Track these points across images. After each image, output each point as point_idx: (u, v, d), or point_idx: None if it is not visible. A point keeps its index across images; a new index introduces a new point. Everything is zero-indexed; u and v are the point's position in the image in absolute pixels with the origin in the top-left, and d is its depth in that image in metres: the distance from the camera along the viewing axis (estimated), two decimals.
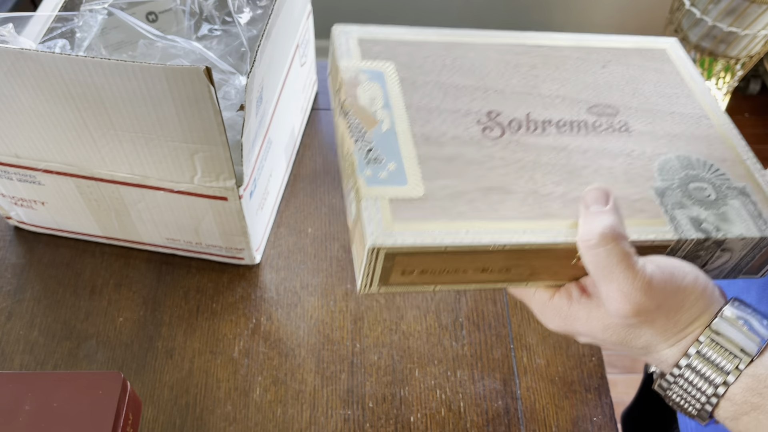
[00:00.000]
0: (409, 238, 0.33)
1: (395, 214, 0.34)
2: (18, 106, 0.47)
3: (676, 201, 0.37)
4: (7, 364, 0.55)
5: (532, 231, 0.35)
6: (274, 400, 0.54)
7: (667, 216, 0.36)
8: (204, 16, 0.61)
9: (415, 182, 0.35)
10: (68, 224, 0.61)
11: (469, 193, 0.35)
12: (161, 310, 0.59)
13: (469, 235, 0.34)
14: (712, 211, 0.37)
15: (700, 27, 1.34)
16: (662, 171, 0.39)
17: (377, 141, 0.36)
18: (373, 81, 0.39)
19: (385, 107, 0.38)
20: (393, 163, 0.36)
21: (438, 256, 0.34)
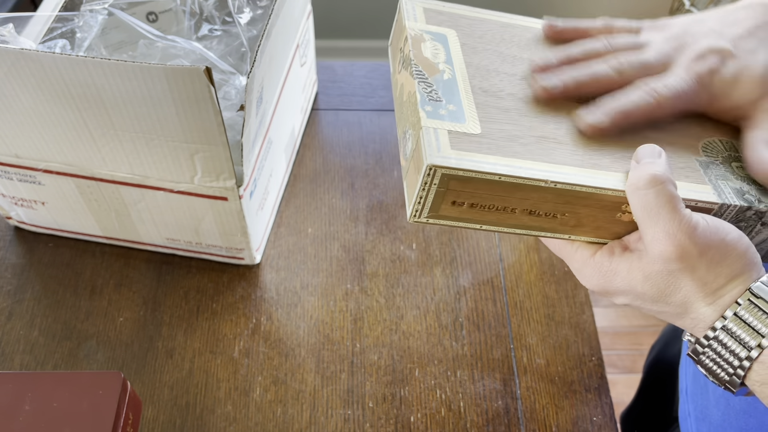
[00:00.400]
0: (466, 162, 0.34)
1: (453, 144, 0.35)
2: (18, 106, 0.47)
3: (720, 173, 0.39)
4: (7, 363, 0.55)
5: (583, 175, 0.36)
6: (274, 400, 0.54)
7: (711, 184, 0.38)
8: (204, 17, 0.61)
9: (473, 122, 0.37)
10: (68, 224, 0.61)
11: (523, 137, 0.37)
12: (161, 310, 0.59)
13: (524, 169, 0.35)
14: (754, 186, 0.39)
15: None
16: (706, 148, 0.40)
17: (438, 85, 0.38)
18: (437, 41, 0.41)
19: (447, 62, 0.40)
20: (453, 105, 0.37)
21: (491, 187, 0.35)
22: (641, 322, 1.35)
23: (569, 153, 0.37)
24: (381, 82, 0.78)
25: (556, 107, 0.40)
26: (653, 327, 1.34)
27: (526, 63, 0.42)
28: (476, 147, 0.35)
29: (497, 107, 0.38)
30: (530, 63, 0.42)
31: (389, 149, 0.71)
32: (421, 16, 0.43)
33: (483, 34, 0.43)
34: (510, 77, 0.41)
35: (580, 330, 0.59)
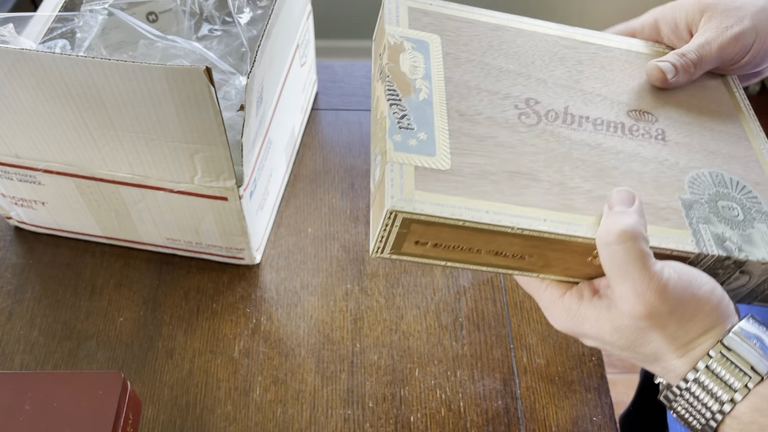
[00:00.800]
0: (429, 207, 0.33)
1: (418, 183, 0.33)
2: (18, 106, 0.47)
3: (703, 216, 0.37)
4: (7, 363, 0.55)
5: (552, 220, 0.34)
6: (274, 400, 0.54)
7: (691, 229, 0.36)
8: (204, 17, 0.61)
9: (443, 154, 0.35)
10: (68, 224, 0.61)
11: (495, 174, 0.35)
12: (161, 310, 0.59)
13: (489, 214, 0.33)
14: (737, 231, 0.36)
15: None
16: (693, 184, 0.38)
17: (411, 109, 0.36)
18: (417, 50, 0.39)
19: (425, 77, 0.38)
20: (424, 133, 0.35)
21: (454, 231, 0.34)
22: None
23: (542, 192, 0.35)
24: None
25: (537, 133, 0.38)
26: None
27: (510, 77, 0.40)
28: (442, 187, 0.33)
29: (472, 135, 0.36)
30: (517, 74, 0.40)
31: None
32: (405, 18, 0.41)
33: (469, 40, 0.41)
34: (491, 96, 0.39)
35: None
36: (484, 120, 0.37)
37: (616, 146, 0.39)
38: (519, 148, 0.37)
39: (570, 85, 0.41)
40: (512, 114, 0.38)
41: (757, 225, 0.37)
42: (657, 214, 0.36)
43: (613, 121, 0.40)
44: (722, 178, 0.39)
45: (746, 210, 0.38)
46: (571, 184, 0.36)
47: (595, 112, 0.40)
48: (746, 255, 0.36)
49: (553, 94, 0.40)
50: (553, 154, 0.37)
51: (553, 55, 0.42)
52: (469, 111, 0.37)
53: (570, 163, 0.37)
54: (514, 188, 0.35)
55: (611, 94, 0.41)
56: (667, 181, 0.38)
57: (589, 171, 0.37)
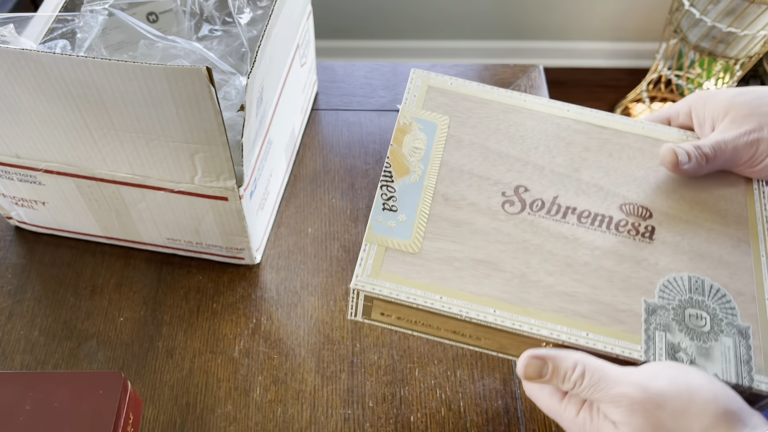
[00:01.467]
0: (386, 290, 0.35)
1: (385, 264, 0.36)
2: (19, 106, 0.47)
3: (663, 323, 0.36)
4: (7, 363, 0.55)
5: (501, 313, 0.35)
6: (274, 400, 0.55)
7: (645, 335, 0.35)
8: (204, 17, 0.61)
9: (416, 238, 0.37)
10: (69, 224, 0.61)
11: (460, 260, 0.36)
12: (162, 309, 0.59)
13: (441, 301, 0.35)
14: (696, 343, 0.35)
15: (699, 27, 1.34)
16: (665, 288, 0.37)
17: (400, 191, 0.38)
18: (423, 132, 0.41)
19: (422, 160, 0.40)
20: (404, 215, 0.37)
21: (412, 311, 0.36)
22: None
23: (501, 283, 0.36)
24: (381, 82, 0.78)
25: (515, 222, 0.38)
26: None
27: (507, 162, 0.40)
28: (406, 270, 0.36)
29: (450, 220, 0.38)
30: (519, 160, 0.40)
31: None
32: (422, 98, 0.42)
33: (478, 122, 0.42)
34: (481, 182, 0.39)
35: None
36: (467, 206, 0.38)
37: (595, 241, 0.38)
38: (492, 236, 0.37)
39: (567, 174, 0.40)
40: (496, 201, 0.39)
41: (722, 338, 0.35)
42: (613, 316, 0.36)
43: (600, 214, 0.39)
44: (701, 284, 0.37)
45: (716, 321, 0.36)
46: (534, 278, 0.36)
47: (584, 203, 0.39)
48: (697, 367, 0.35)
49: (546, 182, 0.40)
50: (524, 245, 0.37)
51: (560, 139, 0.41)
52: (455, 196, 0.39)
53: (539, 256, 0.37)
54: (475, 277, 0.36)
55: (609, 184, 0.40)
56: (637, 282, 0.37)
57: (557, 265, 0.37)
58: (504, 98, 0.43)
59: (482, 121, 0.42)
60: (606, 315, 0.35)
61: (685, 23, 1.38)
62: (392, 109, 0.75)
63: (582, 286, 0.36)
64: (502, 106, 0.43)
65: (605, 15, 1.68)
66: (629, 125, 0.43)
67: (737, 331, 0.36)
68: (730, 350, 0.35)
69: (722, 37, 1.32)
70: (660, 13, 1.66)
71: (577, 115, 0.43)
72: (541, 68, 0.79)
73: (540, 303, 0.35)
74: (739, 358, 0.35)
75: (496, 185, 0.39)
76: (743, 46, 1.34)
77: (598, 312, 0.36)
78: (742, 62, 1.39)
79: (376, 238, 0.37)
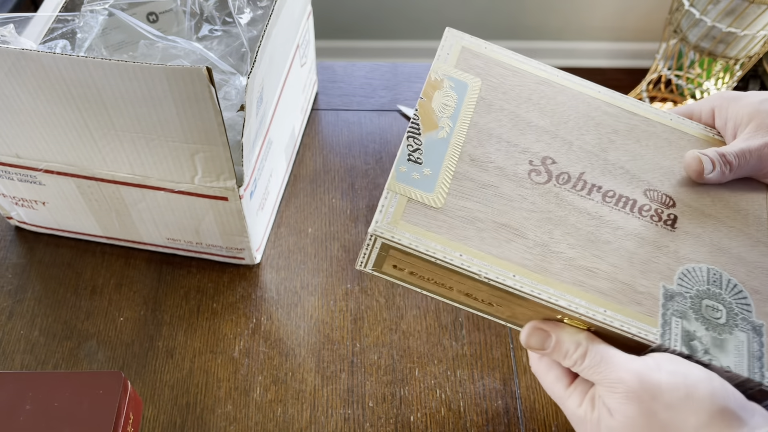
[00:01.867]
0: (406, 239, 0.34)
1: (406, 215, 0.35)
2: (19, 106, 0.47)
3: (681, 309, 0.36)
4: (7, 363, 0.55)
5: (521, 278, 0.35)
6: (274, 400, 0.55)
7: (662, 319, 0.35)
8: (204, 17, 0.61)
9: (440, 193, 0.36)
10: (69, 224, 0.61)
11: (483, 222, 0.36)
12: (162, 309, 0.59)
13: (461, 259, 0.34)
14: (712, 333, 0.35)
15: (699, 27, 1.34)
16: (684, 277, 0.37)
17: (426, 144, 0.38)
18: (454, 90, 0.40)
19: (451, 117, 0.39)
20: (429, 169, 0.37)
21: (428, 265, 0.35)
22: None
23: (522, 249, 0.36)
24: (381, 82, 0.78)
25: (541, 192, 0.38)
26: None
27: (536, 132, 0.40)
28: (427, 223, 0.35)
29: (475, 181, 0.37)
30: (549, 131, 0.40)
31: (389, 149, 0.71)
32: (455, 57, 0.42)
33: (510, 89, 0.41)
34: (509, 147, 0.39)
35: None
36: (494, 169, 0.38)
37: (618, 221, 0.38)
38: (517, 203, 0.37)
39: (595, 152, 0.40)
40: (524, 168, 0.39)
41: (736, 332, 0.36)
42: (631, 297, 0.36)
43: (625, 196, 0.39)
44: (719, 277, 0.37)
45: (731, 314, 0.36)
46: (555, 248, 0.36)
47: (609, 183, 0.40)
48: (710, 359, 0.35)
49: (573, 158, 0.40)
50: (548, 215, 0.38)
51: (589, 119, 0.42)
52: (482, 157, 0.38)
53: (562, 228, 0.37)
54: (497, 239, 0.36)
55: (635, 168, 0.40)
56: (657, 267, 0.37)
57: (579, 240, 0.37)
58: (538, 70, 0.43)
59: (514, 88, 0.41)
60: (625, 294, 0.35)
61: (684, 23, 1.38)
62: (392, 109, 0.75)
63: (602, 263, 0.36)
64: (535, 77, 0.42)
65: (605, 15, 1.68)
66: (659, 115, 0.43)
67: (751, 327, 0.36)
68: (744, 345, 0.35)
69: (722, 37, 1.32)
70: (660, 13, 1.66)
71: (608, 98, 0.43)
72: None
73: (560, 274, 0.35)
74: (752, 353, 0.35)
75: (524, 153, 0.39)
76: (743, 46, 1.34)
77: (617, 290, 0.36)
78: (741, 62, 1.39)
79: (399, 188, 0.36)
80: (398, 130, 0.73)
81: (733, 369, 0.35)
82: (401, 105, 0.75)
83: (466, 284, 0.36)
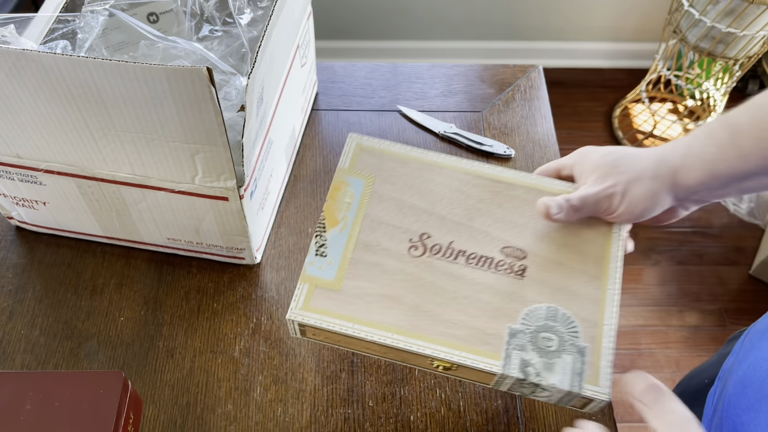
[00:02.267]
0: (313, 320, 0.45)
1: (313, 300, 0.45)
2: (19, 106, 0.47)
3: (521, 343, 0.44)
4: (8, 363, 0.56)
5: (398, 336, 0.44)
6: (274, 399, 0.55)
7: (504, 354, 0.44)
8: (205, 17, 0.61)
9: (339, 278, 0.46)
10: (69, 224, 0.61)
11: (371, 296, 0.45)
12: (162, 309, 0.59)
13: (354, 328, 0.44)
14: (544, 359, 0.43)
15: (698, 28, 1.34)
16: (527, 316, 0.45)
17: (330, 239, 0.47)
18: (353, 188, 0.49)
19: (350, 212, 0.48)
20: (331, 260, 0.46)
21: (333, 334, 0.45)
22: (640, 322, 1.35)
23: (401, 313, 0.45)
24: (381, 82, 0.78)
25: (416, 264, 0.47)
26: (651, 327, 1.34)
27: (416, 213, 0.48)
28: (330, 304, 0.45)
29: (366, 263, 0.46)
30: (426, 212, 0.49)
31: None
32: (354, 159, 0.51)
33: (397, 179, 0.50)
34: (394, 230, 0.48)
35: None
36: (381, 250, 0.47)
37: (477, 278, 0.46)
38: (397, 276, 0.46)
39: (463, 222, 0.49)
40: (404, 246, 0.47)
41: (564, 356, 0.43)
42: (481, 338, 0.44)
43: (485, 256, 0.47)
44: (556, 312, 0.45)
45: (562, 342, 0.44)
46: (425, 308, 0.45)
47: (473, 247, 0.48)
48: (540, 379, 0.43)
49: (446, 230, 0.48)
50: (421, 282, 0.46)
51: (461, 192, 0.50)
52: (372, 243, 0.47)
53: (431, 291, 0.46)
54: (381, 308, 0.45)
55: (496, 230, 0.48)
56: (506, 311, 0.45)
57: (444, 298, 0.45)
58: (422, 156, 0.51)
59: (401, 178, 0.50)
60: (477, 338, 0.44)
61: (684, 23, 1.39)
62: (392, 109, 0.75)
63: (461, 315, 0.45)
64: (418, 164, 0.51)
65: (605, 15, 1.68)
66: (521, 178, 0.51)
67: (577, 350, 0.44)
68: (569, 365, 0.43)
69: (721, 37, 1.32)
70: (659, 14, 1.66)
71: (477, 170, 0.51)
72: (541, 69, 0.80)
73: (427, 329, 0.44)
74: (575, 371, 0.43)
75: (406, 233, 0.48)
76: (742, 47, 1.34)
77: (471, 335, 0.44)
78: (741, 62, 1.39)
79: (308, 279, 0.46)
80: (398, 131, 0.73)
81: (557, 385, 0.42)
82: (401, 105, 0.75)
83: (362, 343, 0.45)
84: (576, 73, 1.79)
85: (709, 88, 1.52)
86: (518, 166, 0.71)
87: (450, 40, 1.75)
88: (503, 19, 1.69)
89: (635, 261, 1.43)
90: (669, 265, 1.43)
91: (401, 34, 1.73)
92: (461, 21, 1.69)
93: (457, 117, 0.75)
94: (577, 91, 1.75)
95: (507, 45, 1.76)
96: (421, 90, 0.77)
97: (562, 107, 1.70)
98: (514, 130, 0.74)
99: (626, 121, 1.67)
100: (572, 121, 1.67)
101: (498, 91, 0.77)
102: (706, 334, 1.34)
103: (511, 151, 0.71)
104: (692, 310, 1.37)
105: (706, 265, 1.44)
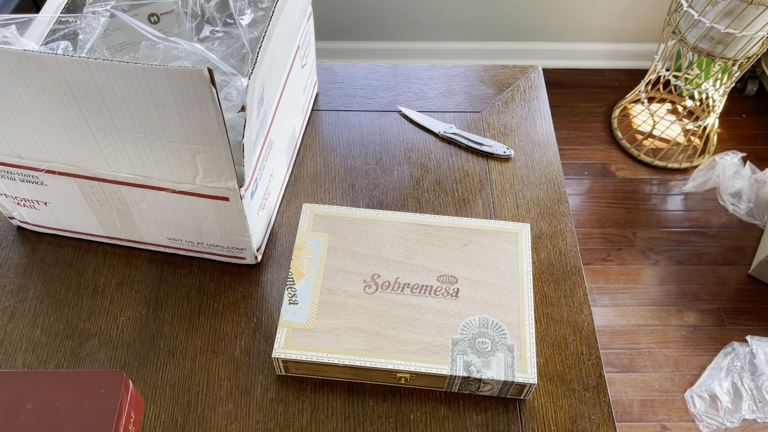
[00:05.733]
0: (294, 355, 0.53)
1: (292, 340, 0.54)
2: (21, 107, 0.48)
3: (462, 349, 0.54)
4: (9, 362, 0.56)
5: (364, 358, 0.53)
6: (275, 399, 0.55)
7: (450, 359, 0.53)
8: (206, 18, 0.61)
9: (311, 320, 0.55)
10: (71, 224, 0.61)
11: (339, 330, 0.55)
12: (163, 309, 0.59)
13: (328, 357, 0.53)
14: (482, 359, 0.53)
15: (698, 28, 1.35)
16: (464, 327, 0.55)
17: (300, 289, 0.57)
18: (313, 247, 0.59)
19: (313, 266, 0.58)
20: (303, 306, 0.56)
21: (312, 365, 0.54)
22: (639, 322, 1.35)
23: (364, 340, 0.54)
24: (381, 83, 0.78)
25: (372, 299, 0.56)
26: (651, 326, 1.34)
27: (366, 259, 0.58)
28: (306, 341, 0.54)
29: (331, 304, 0.56)
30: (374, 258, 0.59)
31: (389, 150, 0.72)
32: (311, 223, 0.60)
33: (348, 234, 0.60)
34: (350, 275, 0.58)
35: (579, 329, 0.59)
36: (342, 292, 0.57)
37: (421, 303, 0.56)
38: (358, 311, 0.56)
39: (404, 261, 0.59)
40: (360, 287, 0.57)
41: (497, 354, 0.53)
42: (432, 350, 0.54)
43: (425, 285, 0.57)
44: (486, 321, 0.55)
45: (495, 343, 0.54)
46: (383, 333, 0.55)
47: (415, 279, 0.58)
48: (481, 375, 0.52)
49: (391, 269, 0.58)
50: (378, 313, 0.55)
51: (400, 239, 0.60)
52: (334, 287, 0.57)
53: (387, 318, 0.55)
54: (348, 338, 0.54)
55: (431, 264, 0.58)
56: (448, 326, 0.55)
57: (398, 323, 0.55)
58: (364, 215, 0.61)
59: (350, 233, 0.60)
60: (427, 350, 0.54)
61: (683, 24, 1.39)
62: (392, 109, 0.76)
63: (413, 334, 0.54)
64: (363, 221, 0.61)
65: (604, 16, 1.68)
66: (445, 221, 0.61)
67: (507, 348, 0.54)
68: (502, 360, 0.53)
69: (720, 38, 1.33)
70: (658, 15, 1.66)
71: (411, 219, 0.61)
72: (540, 69, 0.80)
73: (387, 349, 0.54)
74: (507, 364, 0.53)
75: (360, 276, 0.58)
76: (741, 47, 1.34)
77: (423, 349, 0.54)
78: (740, 63, 1.39)
79: (285, 323, 0.54)
80: (398, 131, 0.74)
81: (495, 377, 0.52)
82: (401, 106, 0.76)
83: (337, 369, 0.54)
84: (575, 74, 1.79)
85: (708, 89, 1.52)
86: (518, 165, 0.71)
87: (450, 41, 1.75)
88: (503, 20, 1.69)
89: (635, 261, 1.43)
90: (668, 265, 1.43)
91: (401, 35, 1.73)
92: (461, 22, 1.69)
93: (457, 117, 0.75)
94: (576, 91, 1.75)
95: (506, 46, 1.76)
96: (421, 90, 0.78)
97: (562, 108, 1.70)
98: (514, 131, 0.74)
99: (625, 122, 1.67)
100: (571, 121, 1.67)
101: (497, 92, 0.78)
102: (705, 334, 1.34)
103: (511, 151, 0.71)
104: (691, 309, 1.38)
105: (705, 265, 1.44)
